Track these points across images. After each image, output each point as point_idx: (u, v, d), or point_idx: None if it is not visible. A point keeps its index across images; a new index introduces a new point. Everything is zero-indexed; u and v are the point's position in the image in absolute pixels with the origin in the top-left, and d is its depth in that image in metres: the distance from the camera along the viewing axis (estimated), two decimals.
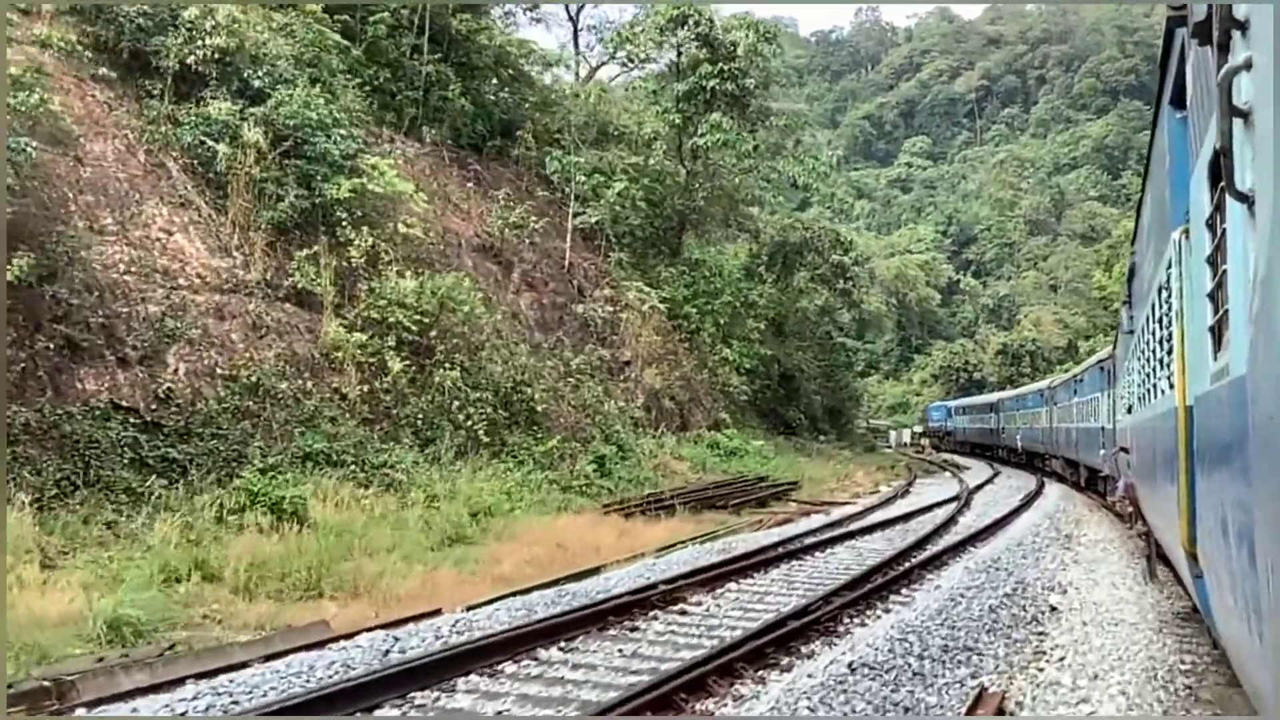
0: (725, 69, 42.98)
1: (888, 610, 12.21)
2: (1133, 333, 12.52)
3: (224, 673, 8.70)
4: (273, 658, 9.57)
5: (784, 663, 9.53)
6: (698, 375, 40.90)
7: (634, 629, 10.95)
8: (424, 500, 19.82)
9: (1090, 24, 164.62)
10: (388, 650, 9.62)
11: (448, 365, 24.52)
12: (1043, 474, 39.16)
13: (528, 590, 13.07)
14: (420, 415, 23.54)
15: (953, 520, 22.77)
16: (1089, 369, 27.76)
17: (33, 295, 16.59)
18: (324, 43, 27.12)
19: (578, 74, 50.09)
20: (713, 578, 13.94)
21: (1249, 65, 3.19)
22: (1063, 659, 10.06)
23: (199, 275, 20.90)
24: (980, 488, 33.99)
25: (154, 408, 17.86)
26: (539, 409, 27.50)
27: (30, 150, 16.85)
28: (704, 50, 43.69)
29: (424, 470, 21.61)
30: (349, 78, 28.86)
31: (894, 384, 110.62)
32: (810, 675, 8.59)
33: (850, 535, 20.02)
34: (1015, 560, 16.50)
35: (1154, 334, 8.58)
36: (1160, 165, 7.61)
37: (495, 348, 27.41)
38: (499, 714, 8.01)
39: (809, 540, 18.73)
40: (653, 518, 23.18)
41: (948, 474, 44.84)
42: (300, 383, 21.07)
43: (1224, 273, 4.20)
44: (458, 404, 24.43)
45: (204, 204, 22.23)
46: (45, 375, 16.46)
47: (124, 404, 17.39)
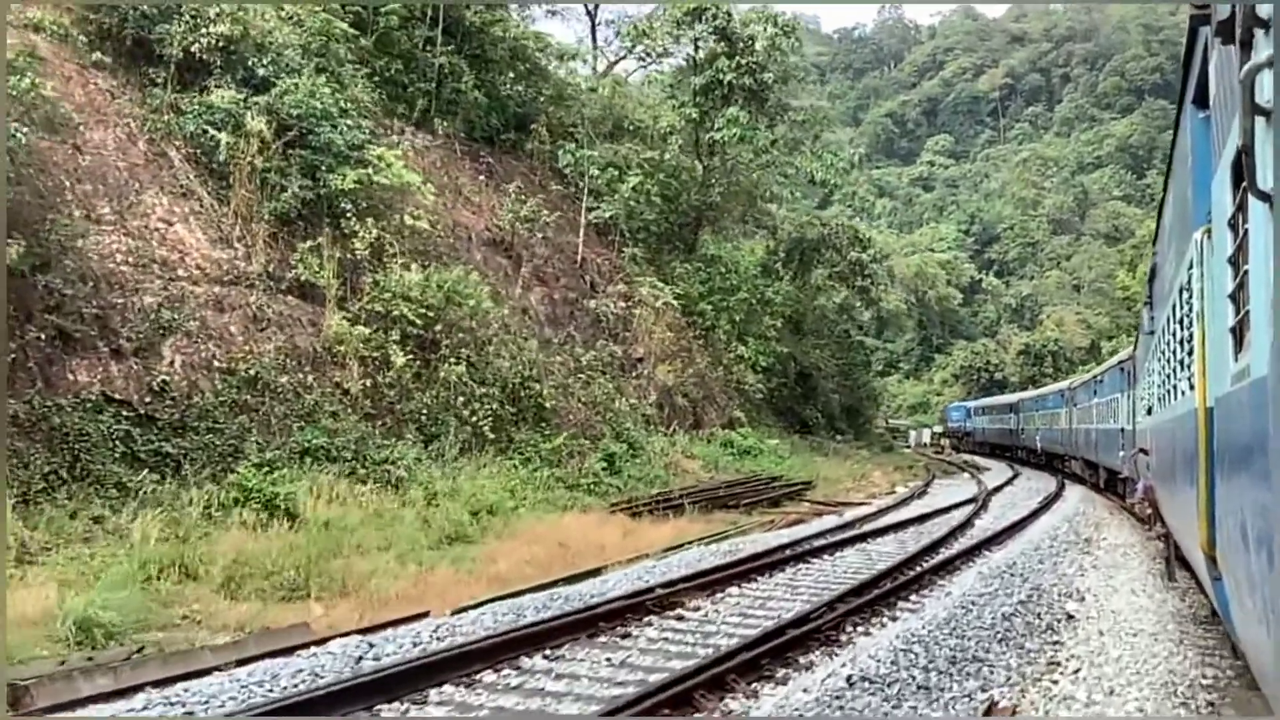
0: (743, 63, 42.32)
1: (895, 618, 11.67)
2: (1153, 334, 12.51)
3: (183, 680, 8.23)
4: (245, 662, 9.13)
5: (779, 675, 9.00)
6: (712, 372, 40.31)
7: (626, 635, 10.43)
8: (424, 497, 19.35)
9: (1116, 22, 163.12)
10: (361, 657, 9.10)
11: (453, 360, 24.03)
12: (1063, 475, 38.54)
13: (519, 593, 12.55)
14: (424, 411, 23.08)
15: (968, 523, 22.23)
16: (1109, 370, 27.53)
17: (25, 285, 16.25)
18: (331, 31, 26.67)
19: (595, 69, 49.58)
20: (715, 581, 13.44)
21: (1271, 63, 3.24)
22: (1077, 671, 9.67)
23: (199, 266, 20.52)
24: (999, 489, 33.42)
25: (148, 401, 17.47)
26: (548, 405, 26.98)
27: (21, 136, 16.47)
28: (721, 44, 43.04)
29: (426, 467, 21.14)
30: (358, 68, 28.40)
31: (914, 383, 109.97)
32: (805, 690, 8.07)
33: (862, 538, 19.48)
34: (1031, 565, 16.01)
35: (1175, 335, 8.58)
36: (1182, 165, 7.62)
37: (503, 342, 26.91)
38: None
39: (819, 542, 18.23)
40: (661, 517, 22.68)
41: (966, 475, 44.21)
42: (301, 377, 20.66)
43: (1245, 273, 4.23)
44: (463, 399, 23.94)
45: (206, 194, 21.86)
46: (35, 366, 16.09)
47: (117, 396, 17.01)
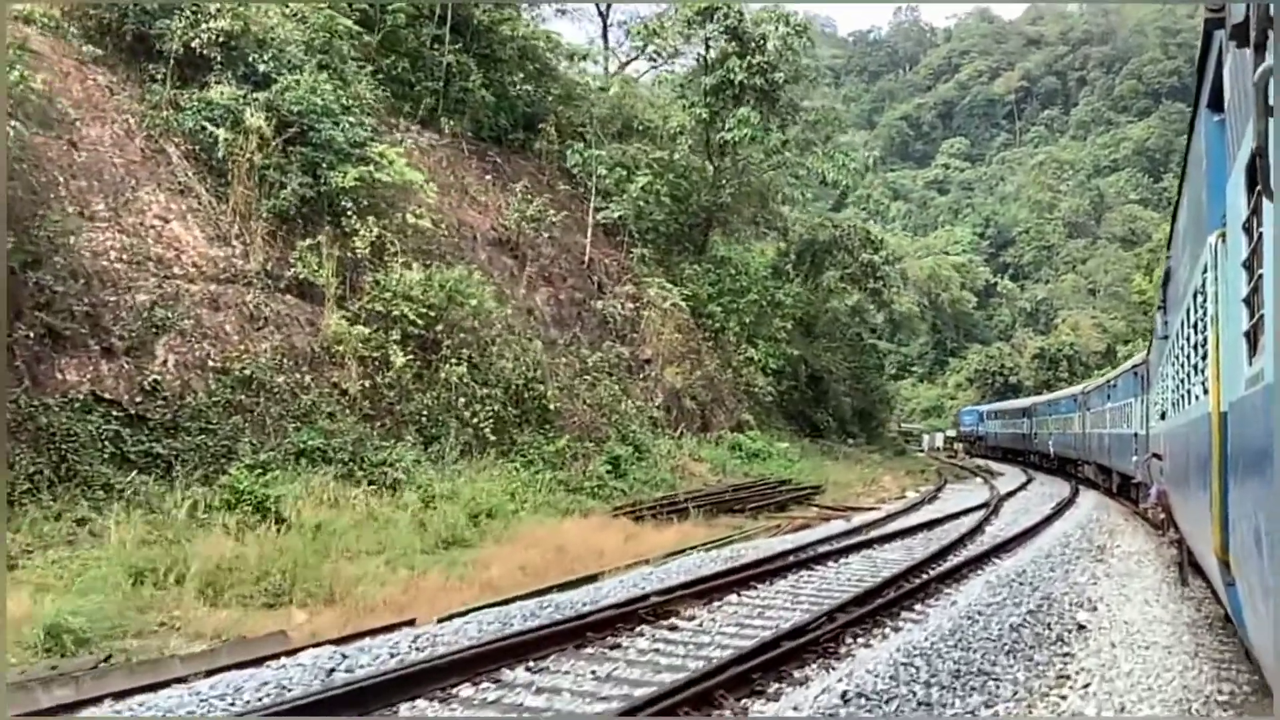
0: (754, 62, 41.82)
1: (897, 629, 11.21)
2: (1167, 338, 12.44)
3: (140, 693, 7.84)
4: (215, 672, 8.75)
5: (771, 690, 8.56)
6: (721, 375, 39.84)
7: (615, 646, 9.99)
8: (421, 500, 18.94)
9: (1133, 25, 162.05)
10: (333, 669, 8.68)
11: (454, 360, 23.65)
12: (1076, 481, 37.99)
13: (509, 600, 12.10)
14: (424, 412, 22.70)
15: (979, 529, 21.73)
16: (1123, 374, 27.18)
17: (15, 281, 15.96)
18: (335, 28, 26.34)
19: (607, 69, 49.21)
20: (713, 588, 12.99)
21: None
22: (1087, 686, 9.21)
23: (195, 264, 20.20)
24: (1011, 495, 32.86)
25: (139, 400, 17.15)
26: (551, 407, 26.59)
27: (11, 130, 16.17)
28: (733, 44, 42.56)
29: (424, 469, 20.75)
30: (363, 66, 28.09)
31: (928, 387, 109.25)
32: (796, 708, 7.64)
33: (868, 544, 19.01)
34: (1042, 573, 15.50)
35: (1188, 339, 8.49)
36: (1197, 168, 7.58)
37: (506, 343, 26.51)
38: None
39: (824, 548, 17.75)
40: (664, 521, 22.24)
41: (979, 480, 43.69)
42: (298, 377, 20.33)
43: (1260, 277, 4.16)
44: (464, 401, 23.56)
45: (204, 191, 21.56)
46: (23, 365, 15.79)
47: (106, 396, 16.70)
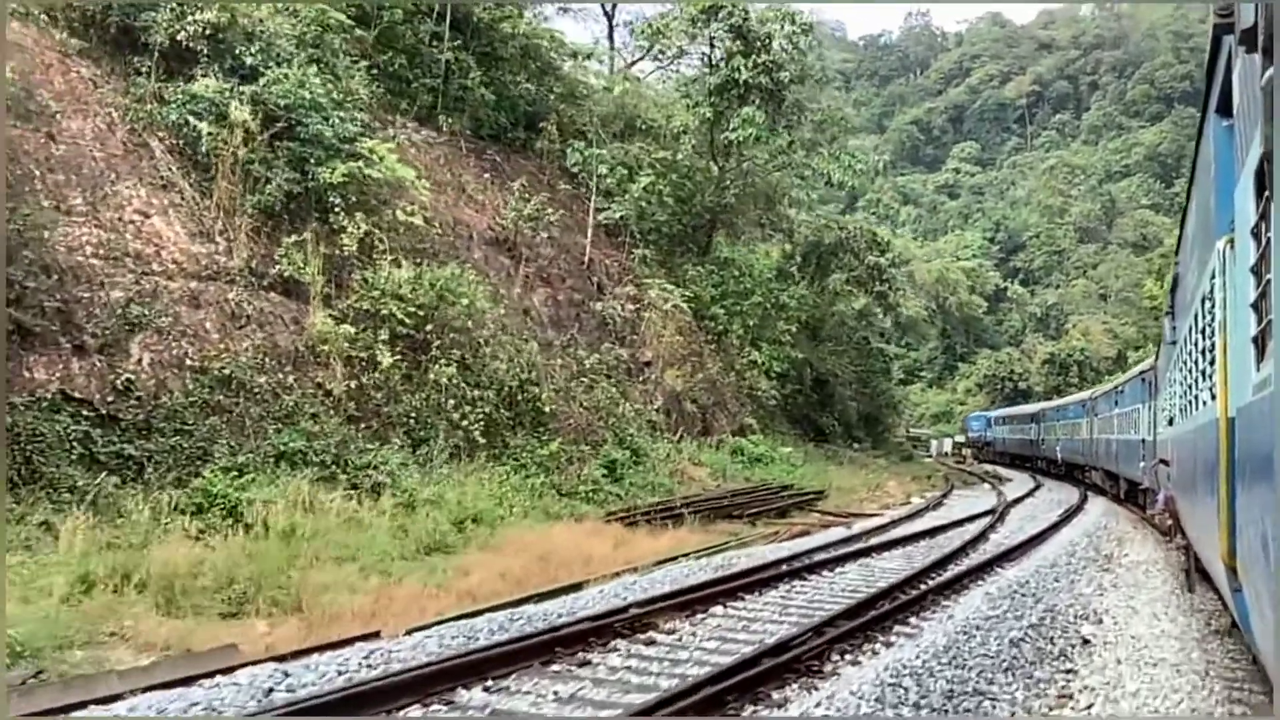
0: (759, 62, 41.13)
1: (889, 644, 10.57)
2: (1175, 344, 12.40)
3: (56, 714, 7.24)
4: (153, 689, 8.17)
5: (746, 713, 7.95)
6: (724, 378, 39.12)
7: (585, 664, 9.36)
8: (403, 504, 18.32)
9: (1145, 29, 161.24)
10: (271, 689, 8.06)
11: (444, 361, 22.99)
12: (1085, 487, 37.38)
13: (478, 612, 11.47)
14: (412, 414, 22.06)
15: (983, 536, 21.10)
16: (1130, 380, 26.85)
17: None
18: (326, 22, 25.76)
19: (612, 69, 48.60)
20: (698, 599, 12.39)
21: None
22: (1090, 707, 8.59)
23: (175, 260, 19.62)
24: (1019, 501, 32.30)
25: (110, 400, 16.57)
26: (546, 409, 25.91)
27: None
28: (738, 43, 41.90)
29: (410, 472, 20.10)
30: (357, 61, 27.49)
31: (937, 392, 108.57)
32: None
33: (867, 552, 18.39)
34: (1046, 584, 14.89)
35: (1196, 345, 8.51)
36: (1205, 174, 7.59)
37: (500, 344, 25.85)
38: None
39: (820, 556, 17.14)
40: (659, 527, 21.63)
41: (986, 486, 43.07)
42: (280, 377, 19.72)
43: (1268, 282, 4.16)
44: (454, 402, 22.90)
45: (187, 186, 20.99)
46: None
47: (77, 395, 16.12)
